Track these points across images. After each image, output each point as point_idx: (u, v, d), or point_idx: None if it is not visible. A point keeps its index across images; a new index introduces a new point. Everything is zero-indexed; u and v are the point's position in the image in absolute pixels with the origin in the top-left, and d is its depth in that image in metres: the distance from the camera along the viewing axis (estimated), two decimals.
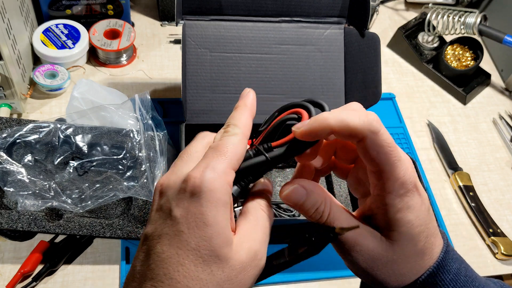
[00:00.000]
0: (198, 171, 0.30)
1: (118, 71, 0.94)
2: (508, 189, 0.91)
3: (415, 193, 0.33)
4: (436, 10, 1.05)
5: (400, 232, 0.33)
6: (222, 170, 0.31)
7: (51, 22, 0.91)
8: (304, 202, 0.34)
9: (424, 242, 0.33)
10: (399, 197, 0.32)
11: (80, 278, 0.68)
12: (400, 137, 0.94)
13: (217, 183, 0.30)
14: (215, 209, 0.30)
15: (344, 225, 0.33)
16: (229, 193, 0.31)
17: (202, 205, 0.30)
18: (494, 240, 0.80)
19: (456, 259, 0.35)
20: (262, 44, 0.77)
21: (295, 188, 0.34)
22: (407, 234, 0.33)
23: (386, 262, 0.33)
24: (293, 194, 0.34)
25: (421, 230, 0.33)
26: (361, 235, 0.33)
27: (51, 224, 0.65)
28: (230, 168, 0.32)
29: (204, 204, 0.30)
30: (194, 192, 0.30)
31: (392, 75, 1.07)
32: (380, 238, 0.33)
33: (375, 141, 0.31)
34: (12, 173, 0.67)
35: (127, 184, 0.70)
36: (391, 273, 0.34)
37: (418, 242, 0.33)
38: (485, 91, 1.08)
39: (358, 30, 0.78)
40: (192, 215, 0.30)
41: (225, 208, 0.30)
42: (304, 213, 0.35)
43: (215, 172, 0.30)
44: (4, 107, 0.80)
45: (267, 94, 0.77)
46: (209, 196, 0.30)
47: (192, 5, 0.73)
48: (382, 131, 0.31)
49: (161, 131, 0.75)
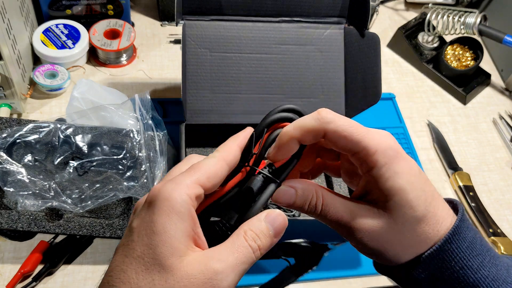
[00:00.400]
0: (160, 184, 0.31)
1: (118, 71, 0.94)
2: (508, 189, 0.91)
3: (400, 159, 0.33)
4: (436, 10, 1.05)
5: (394, 200, 0.32)
6: (184, 183, 0.31)
7: (51, 22, 0.91)
8: (295, 200, 0.34)
9: (425, 207, 0.33)
10: (383, 166, 0.32)
11: (80, 278, 0.68)
12: (400, 137, 0.94)
13: (175, 193, 0.30)
14: (167, 218, 0.29)
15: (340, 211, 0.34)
16: (187, 205, 0.30)
17: (154, 213, 0.30)
18: (494, 240, 0.80)
19: (471, 229, 0.34)
20: (262, 44, 0.77)
21: (282, 189, 0.34)
22: (402, 201, 0.32)
23: (390, 235, 0.33)
24: (282, 195, 0.34)
25: (417, 195, 0.32)
26: (359, 215, 0.33)
27: (51, 224, 0.65)
28: (196, 183, 0.31)
29: (156, 213, 0.30)
30: (150, 202, 0.30)
31: (392, 75, 1.07)
32: (378, 213, 0.33)
33: (333, 130, 0.33)
34: (12, 173, 0.67)
35: (127, 184, 0.70)
36: (399, 246, 0.33)
37: (416, 207, 0.32)
38: (485, 91, 1.08)
39: (358, 30, 0.78)
40: (144, 224, 0.30)
41: (179, 218, 0.29)
42: (300, 210, 0.35)
43: (175, 184, 0.30)
44: (4, 107, 0.80)
45: (267, 94, 0.77)
46: (162, 205, 0.30)
47: (192, 5, 0.73)
48: (336, 119, 0.33)
49: (161, 131, 0.75)
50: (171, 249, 0.29)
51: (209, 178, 0.32)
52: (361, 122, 0.34)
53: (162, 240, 0.29)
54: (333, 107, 0.79)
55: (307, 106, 0.78)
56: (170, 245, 0.29)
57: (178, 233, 0.29)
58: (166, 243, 0.29)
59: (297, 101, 0.78)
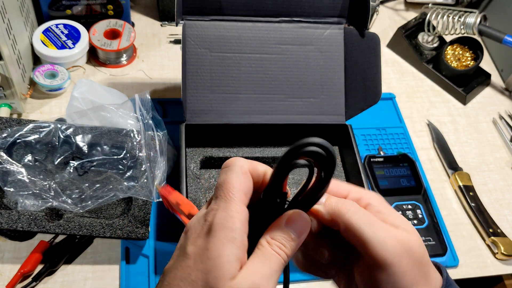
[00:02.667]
0: (211, 214, 0.33)
1: (118, 71, 0.94)
2: (508, 189, 0.91)
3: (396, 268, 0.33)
4: (436, 10, 1.05)
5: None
6: (234, 209, 0.33)
7: (51, 22, 0.91)
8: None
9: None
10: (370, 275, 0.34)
11: (80, 278, 0.68)
12: (400, 137, 0.94)
13: (228, 222, 0.32)
14: (221, 245, 0.31)
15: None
16: (239, 230, 0.32)
17: (209, 242, 0.32)
18: (494, 240, 0.80)
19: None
20: (262, 44, 0.77)
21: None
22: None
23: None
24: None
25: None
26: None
27: (51, 224, 0.65)
28: (242, 205, 0.33)
29: (212, 241, 0.32)
30: (207, 231, 0.32)
31: (392, 75, 1.07)
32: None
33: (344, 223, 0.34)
34: (12, 173, 0.67)
35: (127, 184, 0.70)
36: None
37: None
38: (485, 91, 1.08)
39: (358, 30, 0.78)
40: (199, 251, 0.32)
41: (232, 245, 0.31)
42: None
43: (226, 212, 0.32)
44: (4, 107, 0.80)
45: (267, 94, 0.77)
46: (218, 234, 0.32)
47: (192, 5, 0.73)
48: (352, 211, 0.34)
49: (161, 131, 0.75)
50: (223, 272, 0.31)
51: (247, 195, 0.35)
52: (361, 122, 0.34)
53: (215, 265, 0.31)
54: (333, 107, 0.79)
55: (307, 106, 0.78)
56: (222, 269, 0.31)
57: (231, 257, 0.31)
58: (219, 268, 0.31)
59: (297, 101, 0.78)
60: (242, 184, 0.34)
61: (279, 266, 0.33)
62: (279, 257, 0.33)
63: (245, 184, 0.34)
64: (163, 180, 0.71)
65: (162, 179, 0.70)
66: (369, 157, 0.86)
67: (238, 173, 0.34)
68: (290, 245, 0.33)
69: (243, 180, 0.34)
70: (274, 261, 0.33)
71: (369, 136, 0.93)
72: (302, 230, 0.34)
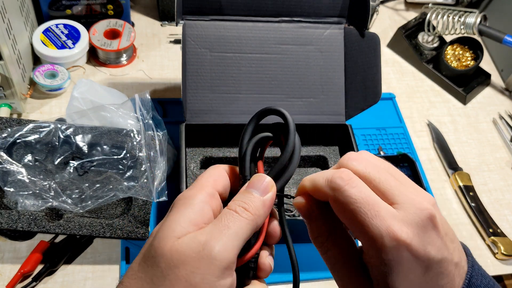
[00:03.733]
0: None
1: (118, 71, 0.94)
2: (508, 189, 0.91)
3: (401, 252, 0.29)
4: (436, 10, 1.05)
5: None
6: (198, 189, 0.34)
7: (51, 22, 0.91)
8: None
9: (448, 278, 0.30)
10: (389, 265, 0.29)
11: (80, 278, 0.68)
12: (400, 137, 0.94)
13: (189, 197, 0.34)
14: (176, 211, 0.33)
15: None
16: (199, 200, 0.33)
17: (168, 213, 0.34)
18: (494, 240, 0.80)
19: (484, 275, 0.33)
20: (262, 44, 0.77)
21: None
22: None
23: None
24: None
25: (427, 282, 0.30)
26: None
27: (51, 224, 0.65)
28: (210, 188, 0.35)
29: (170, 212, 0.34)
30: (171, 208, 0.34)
31: (392, 75, 1.07)
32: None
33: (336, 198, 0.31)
34: (12, 173, 0.67)
35: (127, 184, 0.70)
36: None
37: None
38: (485, 91, 1.08)
39: (358, 30, 0.78)
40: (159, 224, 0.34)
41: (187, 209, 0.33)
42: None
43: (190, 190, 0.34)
44: (4, 107, 0.80)
45: (267, 94, 0.77)
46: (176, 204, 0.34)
47: (192, 5, 0.73)
48: (346, 187, 0.30)
49: (161, 131, 0.75)
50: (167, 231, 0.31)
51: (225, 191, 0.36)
52: (361, 122, 0.34)
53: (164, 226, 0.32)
54: (333, 107, 0.79)
55: (307, 106, 0.78)
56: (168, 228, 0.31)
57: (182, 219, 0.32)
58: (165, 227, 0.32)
59: (297, 101, 0.78)
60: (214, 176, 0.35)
61: (242, 225, 0.31)
62: (240, 216, 0.31)
63: (217, 176, 0.35)
64: (163, 180, 0.71)
65: (162, 179, 0.70)
66: None
67: (211, 169, 0.36)
68: (254, 204, 0.32)
69: (215, 173, 0.35)
70: (233, 221, 0.31)
71: (369, 136, 0.93)
72: (264, 189, 0.33)
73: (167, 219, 0.32)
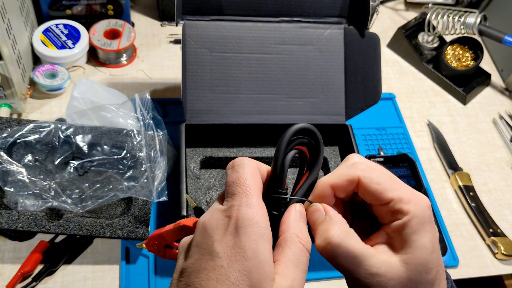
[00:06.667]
0: (234, 210, 0.32)
1: (118, 71, 0.94)
2: (508, 189, 0.91)
3: (431, 222, 0.33)
4: (436, 10, 1.05)
5: (415, 255, 0.32)
6: (257, 204, 0.32)
7: (51, 22, 0.91)
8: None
9: (436, 272, 0.33)
10: (415, 218, 0.33)
11: (80, 278, 0.68)
12: (400, 137, 0.94)
13: (255, 217, 0.32)
14: (255, 243, 0.31)
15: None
16: (266, 225, 0.32)
17: (241, 240, 0.31)
18: (494, 240, 0.80)
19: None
20: (262, 44, 0.77)
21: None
22: (422, 259, 0.32)
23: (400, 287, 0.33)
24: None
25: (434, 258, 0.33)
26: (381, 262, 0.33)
27: (51, 224, 0.65)
28: (262, 200, 0.33)
29: (243, 239, 0.31)
30: (234, 228, 0.31)
31: (392, 75, 1.07)
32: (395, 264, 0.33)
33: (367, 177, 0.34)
34: (12, 173, 0.67)
35: (127, 184, 0.70)
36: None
37: (430, 270, 0.33)
38: (485, 91, 1.08)
39: (358, 30, 0.78)
40: (231, 250, 0.31)
41: (264, 241, 0.31)
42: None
43: (250, 207, 0.32)
44: (4, 107, 0.80)
45: (267, 94, 0.78)
46: (248, 231, 0.31)
47: (192, 5, 0.73)
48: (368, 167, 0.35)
49: (161, 131, 0.75)
50: (265, 274, 0.30)
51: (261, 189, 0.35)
52: (361, 122, 0.35)
53: (255, 265, 0.30)
54: (333, 107, 0.79)
55: (307, 106, 0.78)
56: (263, 270, 0.30)
57: (267, 256, 0.31)
58: (260, 269, 0.30)
59: (297, 101, 0.78)
60: (256, 181, 0.34)
61: (307, 263, 0.33)
62: (306, 251, 0.33)
63: (258, 181, 0.34)
64: (163, 180, 0.71)
65: (162, 179, 0.70)
66: (369, 157, 0.86)
67: (250, 171, 0.34)
68: (308, 238, 0.34)
69: (256, 177, 0.34)
70: (304, 261, 0.33)
71: (369, 136, 0.93)
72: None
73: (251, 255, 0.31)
